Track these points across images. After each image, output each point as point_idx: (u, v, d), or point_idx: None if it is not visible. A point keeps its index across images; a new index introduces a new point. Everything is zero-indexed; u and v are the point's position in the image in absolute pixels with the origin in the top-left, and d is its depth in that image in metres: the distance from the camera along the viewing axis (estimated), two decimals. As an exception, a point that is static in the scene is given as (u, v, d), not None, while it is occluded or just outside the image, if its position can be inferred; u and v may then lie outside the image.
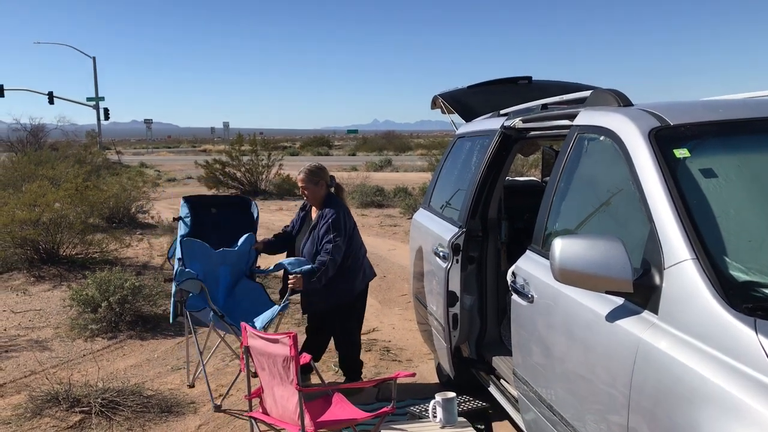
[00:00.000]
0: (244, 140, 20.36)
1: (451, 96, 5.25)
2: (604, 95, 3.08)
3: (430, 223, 4.68)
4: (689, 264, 2.08)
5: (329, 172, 4.87)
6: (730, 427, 1.74)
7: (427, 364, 5.32)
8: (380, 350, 5.68)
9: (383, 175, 26.14)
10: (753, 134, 2.60)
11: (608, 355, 2.33)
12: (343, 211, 4.65)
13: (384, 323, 6.54)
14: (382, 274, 8.65)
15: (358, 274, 4.75)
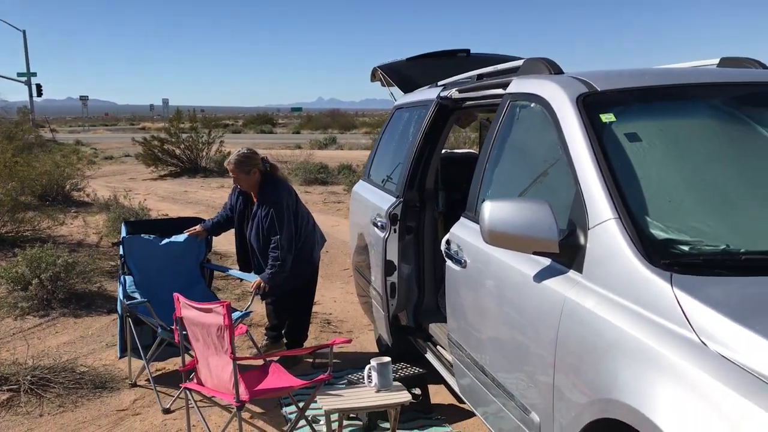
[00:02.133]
0: (183, 117, 19.90)
1: (390, 68, 5.24)
2: (536, 63, 3.12)
3: (369, 195, 4.68)
4: (612, 223, 2.14)
5: (262, 154, 4.76)
6: (645, 375, 1.81)
7: (367, 335, 5.36)
8: (321, 323, 5.69)
9: (328, 153, 26.00)
10: (675, 100, 2.68)
11: (536, 315, 2.39)
12: (283, 190, 4.59)
13: (325, 297, 6.54)
14: (325, 249, 8.55)
15: (313, 246, 4.74)
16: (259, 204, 4.56)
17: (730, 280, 1.88)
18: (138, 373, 4.50)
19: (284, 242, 4.43)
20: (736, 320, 1.69)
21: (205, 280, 4.80)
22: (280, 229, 4.44)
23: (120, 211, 9.89)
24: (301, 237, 4.62)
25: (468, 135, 18.33)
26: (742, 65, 3.21)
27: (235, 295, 6.41)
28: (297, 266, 4.56)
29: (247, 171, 4.57)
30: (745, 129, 2.55)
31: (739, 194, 2.29)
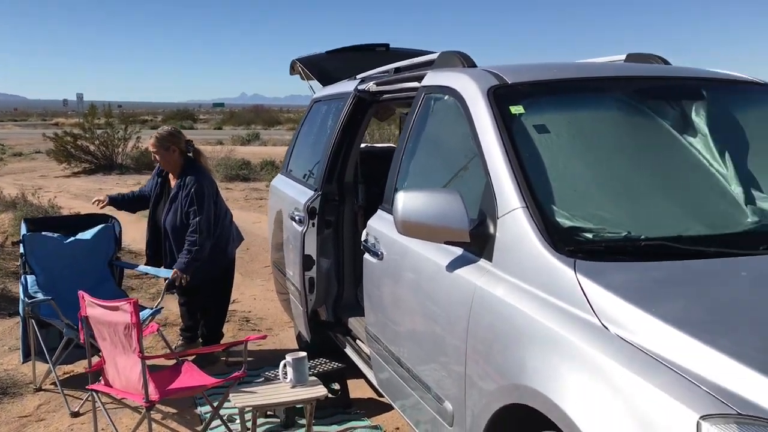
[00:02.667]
0: (98, 112, 19.15)
1: (309, 61, 5.18)
2: (450, 57, 3.15)
3: (287, 188, 4.62)
4: (519, 212, 2.17)
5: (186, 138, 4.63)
6: (551, 360, 1.84)
7: (287, 332, 5.29)
8: (239, 321, 5.57)
9: (250, 149, 25.59)
10: (581, 93, 2.76)
11: (449, 305, 2.40)
12: (205, 178, 4.47)
13: (245, 294, 6.43)
14: (245, 246, 8.45)
15: (228, 240, 4.62)
16: (180, 186, 4.42)
17: (631, 266, 1.94)
18: (43, 378, 4.28)
19: (203, 226, 4.31)
20: (634, 303, 1.74)
21: (115, 278, 4.61)
22: (200, 211, 4.31)
23: (28, 209, 9.41)
24: (218, 230, 4.50)
25: (393, 131, 18.44)
26: (647, 61, 3.34)
27: (150, 294, 6.21)
28: (212, 260, 4.45)
29: (166, 147, 4.43)
30: (647, 121, 2.64)
31: (640, 183, 2.37)
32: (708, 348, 1.57)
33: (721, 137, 2.52)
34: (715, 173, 2.39)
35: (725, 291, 1.82)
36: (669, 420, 1.49)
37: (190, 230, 4.31)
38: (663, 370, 1.58)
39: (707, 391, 1.49)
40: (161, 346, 4.68)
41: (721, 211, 2.24)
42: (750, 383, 1.48)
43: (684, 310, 1.74)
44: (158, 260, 4.65)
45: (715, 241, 2.06)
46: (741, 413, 1.42)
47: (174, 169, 4.50)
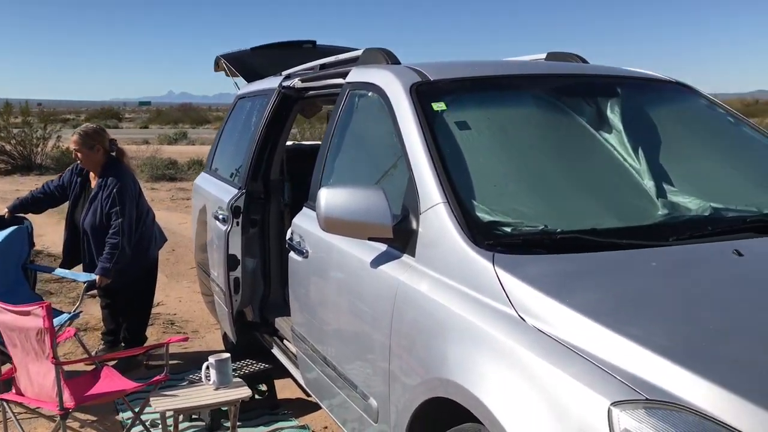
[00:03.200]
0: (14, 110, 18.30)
1: (234, 57, 5.10)
2: (375, 54, 3.15)
3: (211, 187, 4.52)
4: (441, 207, 2.18)
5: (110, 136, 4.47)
6: (471, 352, 1.86)
7: (213, 334, 5.18)
8: (164, 324, 5.42)
9: (178, 148, 25.02)
10: (502, 90, 2.80)
11: (373, 301, 2.40)
12: (128, 179, 4.31)
13: (170, 297, 6.26)
14: (171, 247, 8.26)
15: (150, 241, 4.48)
16: (101, 186, 4.25)
17: (547, 258, 1.98)
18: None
19: (125, 228, 4.16)
20: (549, 295, 1.78)
21: (29, 282, 4.40)
22: (122, 213, 4.16)
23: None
24: (139, 231, 4.36)
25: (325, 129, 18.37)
26: (566, 59, 3.42)
27: (70, 298, 5.96)
28: (133, 261, 4.30)
29: (90, 146, 4.25)
30: (564, 118, 2.70)
31: (557, 179, 2.42)
32: (619, 336, 1.62)
33: (634, 133, 2.61)
34: (628, 168, 2.46)
35: (636, 281, 1.88)
36: (582, 408, 1.53)
37: (112, 232, 4.16)
38: (577, 360, 1.62)
39: (618, 379, 1.53)
40: (81, 351, 4.51)
41: (633, 204, 2.31)
42: (658, 369, 1.53)
43: (597, 300, 1.78)
44: (75, 261, 4.47)
45: (628, 233, 2.12)
46: (649, 398, 1.47)
47: (95, 168, 4.34)
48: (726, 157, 2.77)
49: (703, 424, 1.41)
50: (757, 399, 1.42)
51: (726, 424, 1.40)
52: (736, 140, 2.91)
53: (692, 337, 1.62)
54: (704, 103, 3.03)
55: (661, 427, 1.41)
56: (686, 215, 2.24)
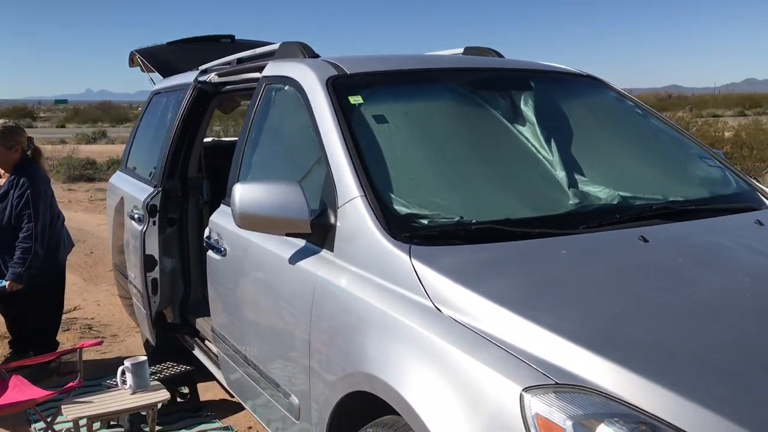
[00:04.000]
0: None
1: (149, 52, 4.95)
2: (292, 47, 3.11)
3: (126, 186, 4.37)
4: (358, 201, 2.17)
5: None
6: (389, 345, 1.86)
7: (134, 338, 5.02)
8: (81, 328, 5.22)
9: (97, 148, 24.14)
10: (418, 84, 2.82)
11: (292, 298, 2.37)
12: (42, 180, 4.10)
13: (88, 301, 6.03)
14: (89, 250, 7.98)
15: (59, 245, 4.27)
16: (12, 184, 4.02)
17: (462, 249, 2.00)
18: None
19: (38, 232, 3.97)
20: (463, 284, 1.80)
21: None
22: (35, 216, 3.95)
23: None
24: (48, 234, 4.16)
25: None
26: (482, 54, 3.47)
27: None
28: (44, 266, 4.11)
29: (9, 146, 4.03)
30: (480, 111, 2.73)
31: (473, 171, 2.45)
32: (530, 323, 1.65)
33: (547, 125, 2.66)
34: (541, 159, 2.52)
35: (547, 269, 1.92)
36: (496, 395, 1.55)
37: (24, 236, 3.96)
38: (491, 348, 1.64)
39: (530, 365, 1.56)
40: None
41: (546, 194, 2.36)
42: (568, 354, 1.57)
43: (509, 288, 1.81)
44: None
45: (540, 222, 2.17)
46: (558, 383, 1.50)
47: (8, 167, 4.11)
48: (634, 148, 2.87)
49: (609, 404, 1.45)
50: (659, 378, 1.48)
51: (630, 404, 1.45)
52: (643, 131, 3.02)
53: (599, 321, 1.67)
54: (614, 96, 3.13)
55: (569, 409, 1.44)
56: (596, 204, 2.31)
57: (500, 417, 1.53)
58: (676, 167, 2.79)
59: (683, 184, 2.64)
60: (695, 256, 2.03)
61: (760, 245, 2.12)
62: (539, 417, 1.47)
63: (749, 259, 2.03)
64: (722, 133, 14.00)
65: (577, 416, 1.44)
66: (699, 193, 2.57)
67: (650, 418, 1.43)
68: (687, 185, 2.63)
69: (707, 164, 2.82)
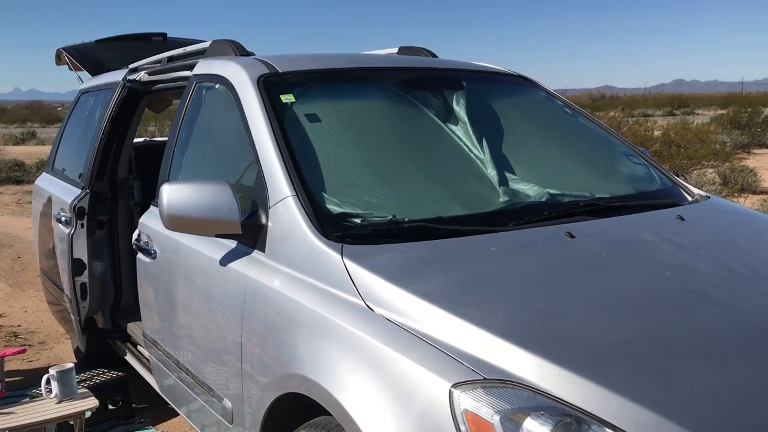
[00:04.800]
0: None
1: (77, 50, 4.78)
2: (223, 45, 3.05)
3: (53, 188, 4.21)
4: (290, 200, 2.15)
5: None
6: (321, 346, 1.84)
7: (64, 345, 4.84)
8: (6, 336, 5.00)
9: (25, 149, 23.27)
10: (352, 82, 2.81)
11: (223, 300, 2.33)
12: None
13: (14, 307, 5.79)
14: (16, 255, 7.67)
15: None
16: None
17: (394, 247, 2.00)
18: None
19: None
20: (395, 283, 1.80)
21: None
22: None
23: None
24: None
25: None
26: (416, 54, 3.49)
27: None
28: None
29: None
30: (413, 110, 2.74)
31: (406, 169, 2.46)
32: (460, 320, 1.66)
33: (479, 125, 2.70)
34: (473, 158, 2.55)
35: (477, 266, 1.94)
36: (426, 392, 1.56)
37: None
38: (422, 345, 1.64)
39: (459, 361, 1.57)
40: None
41: (477, 192, 2.38)
42: (496, 349, 1.59)
43: (440, 285, 1.82)
44: None
45: (472, 220, 2.19)
46: (486, 378, 1.52)
47: None
48: (563, 146, 2.94)
49: (536, 398, 1.48)
50: (583, 371, 1.51)
51: (556, 396, 1.48)
52: (572, 130, 3.09)
53: (526, 316, 1.70)
54: (543, 96, 3.20)
55: (497, 404, 1.46)
56: (525, 201, 2.35)
57: (431, 414, 1.53)
58: (603, 165, 2.87)
59: (609, 181, 2.72)
60: (619, 250, 2.08)
61: (680, 239, 2.19)
62: (468, 413, 1.48)
63: (670, 253, 2.10)
64: (652, 132, 14.48)
65: (504, 411, 1.46)
66: (624, 190, 2.64)
67: (575, 411, 1.46)
68: (613, 182, 2.71)
69: (633, 162, 2.90)
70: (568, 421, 1.44)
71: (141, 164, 4.22)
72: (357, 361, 1.73)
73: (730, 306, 1.84)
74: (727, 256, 2.12)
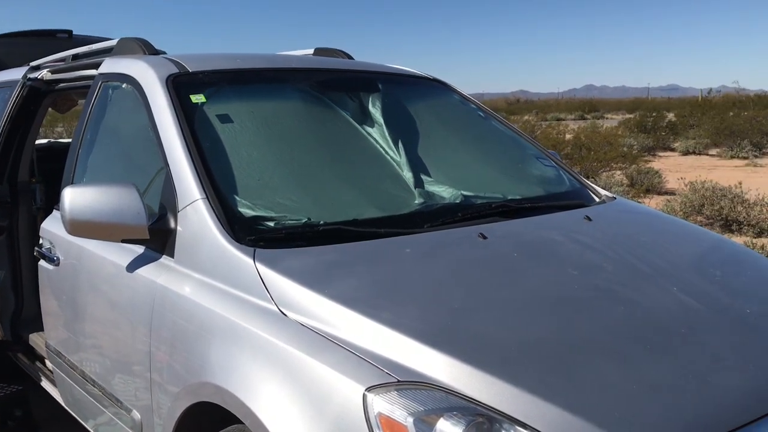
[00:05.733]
0: None
1: (-28, 46, 4.52)
2: (131, 44, 2.95)
3: (-55, 192, 3.94)
4: (200, 204, 2.09)
5: None
6: (233, 353, 1.79)
7: (-41, 360, 4.54)
8: None
9: None
10: (265, 83, 2.76)
11: (131, 308, 2.24)
12: None
13: None
14: None
15: None
16: None
17: (309, 251, 1.97)
18: None
19: None
20: (308, 287, 1.78)
21: None
22: None
23: None
24: None
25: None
26: (332, 55, 3.47)
27: None
28: None
29: None
30: (328, 112, 2.72)
31: (321, 172, 2.43)
32: (373, 323, 1.65)
33: (394, 127, 2.70)
34: (389, 160, 2.55)
35: (392, 268, 1.94)
36: (340, 397, 1.54)
37: None
38: (335, 350, 1.63)
39: (373, 364, 1.56)
40: None
41: (393, 194, 2.39)
42: (410, 351, 1.59)
43: (354, 288, 1.81)
44: None
45: (387, 222, 2.19)
46: (400, 380, 1.52)
47: None
48: (477, 149, 2.99)
49: (448, 399, 1.49)
50: (494, 370, 1.53)
51: (468, 397, 1.49)
52: (485, 133, 3.15)
53: (439, 317, 1.71)
54: (457, 99, 3.24)
55: (410, 406, 1.46)
56: (440, 203, 2.37)
57: (345, 419, 1.52)
58: (515, 167, 2.93)
59: (521, 183, 2.78)
60: (529, 250, 2.13)
61: (587, 239, 2.26)
62: (382, 416, 1.47)
63: (577, 252, 2.16)
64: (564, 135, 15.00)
65: (417, 413, 1.46)
66: (535, 192, 2.71)
67: (487, 410, 1.47)
68: (524, 184, 2.77)
69: (543, 164, 2.98)
70: (480, 420, 1.45)
71: (45, 167, 4.00)
72: (270, 368, 1.69)
73: (635, 303, 1.91)
74: (631, 255, 2.21)
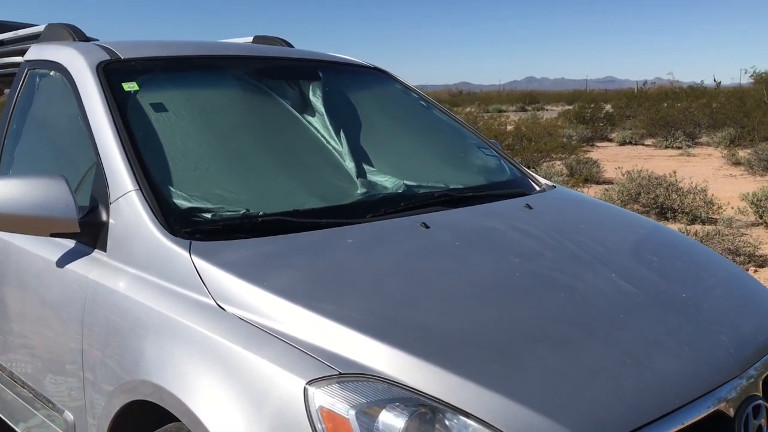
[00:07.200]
0: None
1: None
2: (59, 30, 2.83)
3: None
4: (133, 195, 2.01)
5: None
6: (168, 349, 1.74)
7: None
8: None
9: None
10: (202, 71, 2.68)
11: (61, 305, 2.15)
12: None
13: None
14: None
15: None
16: None
17: (247, 242, 1.92)
18: None
19: None
20: (247, 279, 1.73)
21: None
22: None
23: None
24: None
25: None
26: (272, 43, 3.40)
27: None
28: None
29: None
30: (268, 101, 2.67)
31: (260, 162, 2.38)
32: (314, 315, 1.62)
33: (336, 116, 2.67)
34: (331, 150, 2.51)
35: (333, 258, 1.91)
36: (281, 391, 1.51)
37: None
38: (275, 343, 1.59)
39: (314, 357, 1.53)
40: None
41: (335, 184, 2.35)
42: (352, 343, 1.56)
43: (294, 280, 1.77)
44: None
45: (329, 212, 2.16)
46: (342, 373, 1.49)
47: None
48: (419, 139, 2.98)
49: (391, 390, 1.47)
50: (437, 360, 1.52)
51: (411, 387, 1.48)
52: (427, 122, 3.14)
53: (381, 307, 1.69)
54: (399, 89, 3.22)
55: (352, 399, 1.44)
56: (382, 193, 2.35)
57: (285, 414, 1.48)
58: (457, 157, 2.94)
59: (463, 172, 2.79)
60: (471, 239, 2.13)
61: (527, 227, 2.28)
62: (323, 409, 1.44)
63: (518, 240, 2.17)
64: (505, 126, 15.20)
65: (359, 405, 1.43)
66: (476, 181, 2.72)
67: (430, 400, 1.46)
68: (466, 173, 2.78)
69: (485, 154, 3.00)
70: (423, 411, 1.44)
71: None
72: (208, 364, 1.64)
73: (574, 289, 1.93)
74: (570, 242, 2.23)
